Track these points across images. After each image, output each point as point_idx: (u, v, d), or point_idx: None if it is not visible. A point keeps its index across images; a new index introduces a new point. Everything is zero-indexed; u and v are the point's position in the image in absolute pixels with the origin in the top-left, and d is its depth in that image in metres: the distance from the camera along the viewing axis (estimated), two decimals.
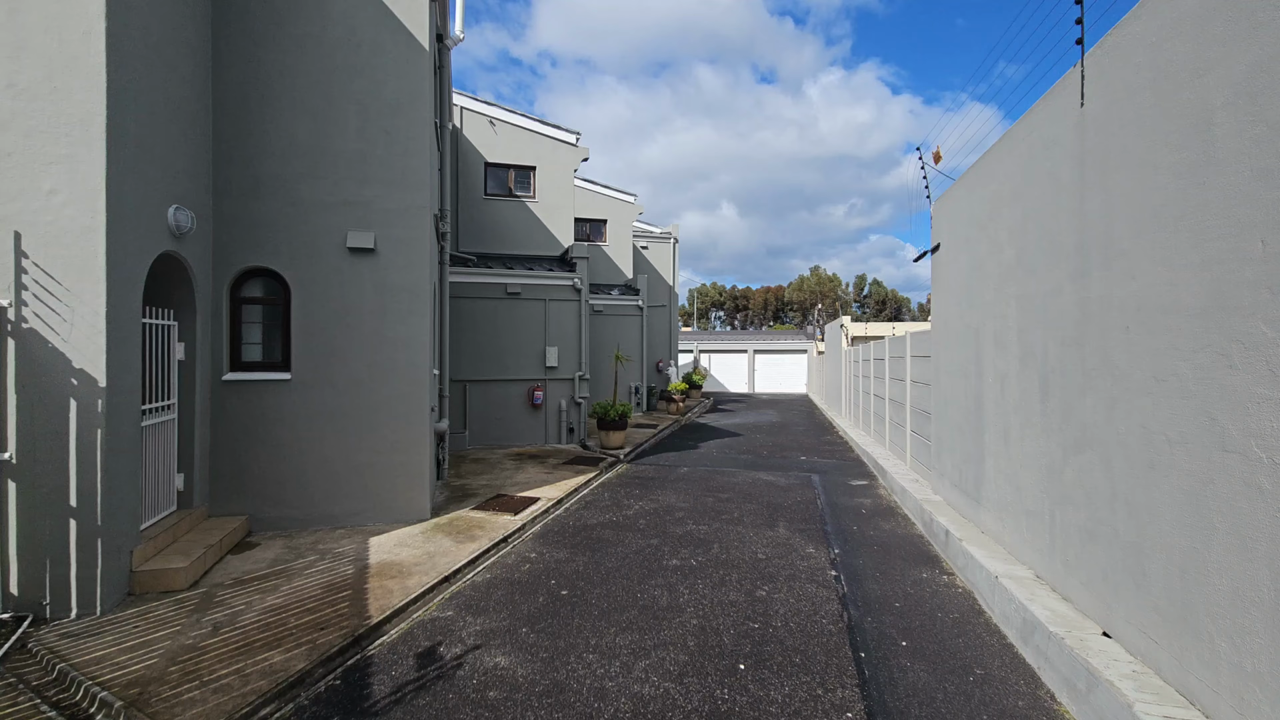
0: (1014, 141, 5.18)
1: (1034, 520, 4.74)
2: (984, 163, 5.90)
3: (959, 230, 6.67)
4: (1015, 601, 4.27)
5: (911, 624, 4.49)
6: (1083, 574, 3.99)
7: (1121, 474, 3.59)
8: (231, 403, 6.43)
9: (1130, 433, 3.50)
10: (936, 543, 6.32)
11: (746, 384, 35.65)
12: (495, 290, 12.31)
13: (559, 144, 14.13)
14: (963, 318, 6.50)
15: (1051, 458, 4.44)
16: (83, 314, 4.40)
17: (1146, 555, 3.35)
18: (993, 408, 5.60)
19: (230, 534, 6.06)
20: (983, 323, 5.87)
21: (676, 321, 23.76)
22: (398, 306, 6.86)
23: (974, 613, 4.73)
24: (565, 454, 11.65)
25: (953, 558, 5.77)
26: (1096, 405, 3.85)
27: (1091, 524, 3.90)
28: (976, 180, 6.11)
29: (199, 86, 6.01)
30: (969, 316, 6.28)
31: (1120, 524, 3.60)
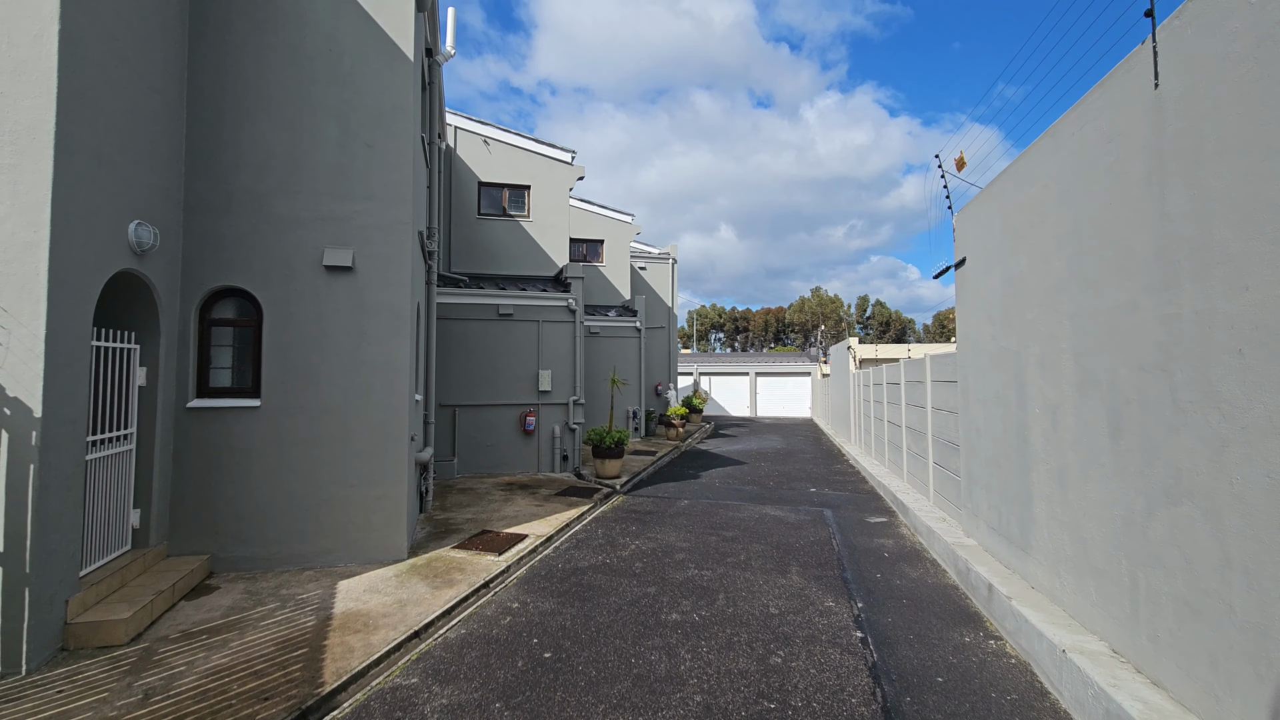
0: (1060, 138, 4.80)
1: (1106, 582, 4.17)
2: (1021, 165, 5.55)
3: (990, 242, 6.35)
4: (1093, 685, 3.66)
5: (961, 707, 3.85)
6: (1181, 656, 3.40)
7: (1237, 534, 3.02)
8: (196, 432, 6.05)
9: (1250, 483, 2.95)
10: (977, 598, 5.71)
11: (748, 407, 35.22)
12: (486, 311, 12.01)
13: (554, 162, 13.98)
14: (997, 339, 6.13)
15: (1130, 508, 3.90)
16: (20, 336, 4.07)
17: (1276, 641, 2.82)
18: (1041, 442, 5.15)
19: (187, 576, 5.63)
20: (1024, 345, 5.48)
21: (676, 343, 23.46)
22: (377, 328, 6.53)
23: (1036, 693, 4.08)
24: (558, 484, 11.22)
25: (999, 618, 5.16)
26: (1196, 447, 3.29)
27: (1193, 594, 3.33)
28: (1011, 185, 5.76)
29: (172, 98, 5.77)
30: (1005, 338, 5.91)
31: (1236, 598, 3.03)
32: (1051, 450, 4.99)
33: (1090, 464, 4.42)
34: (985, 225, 6.50)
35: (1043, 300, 5.14)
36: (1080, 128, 4.56)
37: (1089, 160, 4.42)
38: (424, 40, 7.92)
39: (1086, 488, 4.48)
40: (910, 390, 10.56)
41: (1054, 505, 4.96)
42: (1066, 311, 4.74)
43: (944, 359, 8.55)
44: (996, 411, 6.18)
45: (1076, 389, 4.59)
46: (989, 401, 6.39)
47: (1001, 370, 6.03)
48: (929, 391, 9.22)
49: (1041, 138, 5.16)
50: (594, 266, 18.95)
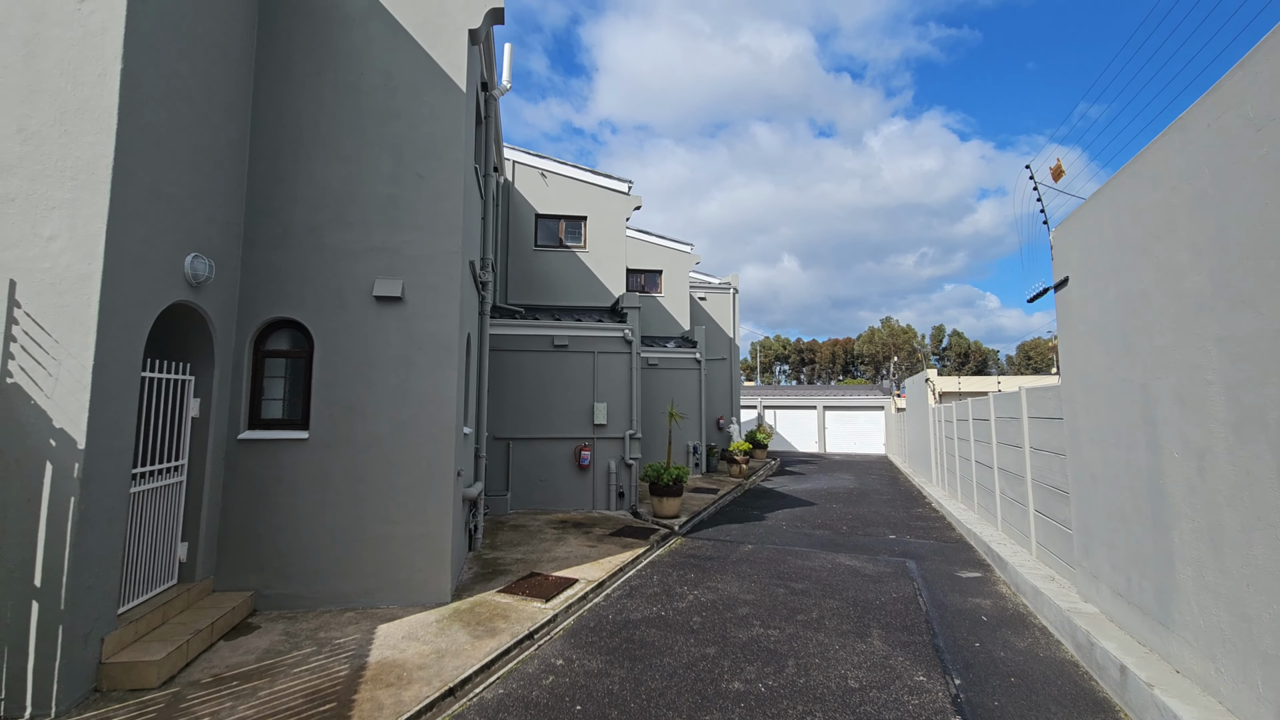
0: (1191, 131, 4.10)
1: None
2: (1139, 168, 4.80)
3: (1099, 257, 5.55)
4: None
5: None
6: None
7: None
8: (246, 464, 6.05)
9: None
10: (1105, 680, 4.75)
11: (816, 443, 33.70)
12: (541, 343, 11.91)
13: (610, 193, 13.96)
14: (1115, 369, 5.29)
15: None
16: (69, 367, 4.10)
17: None
18: (1184, 494, 4.29)
19: (229, 614, 5.53)
20: (1153, 376, 4.65)
21: (738, 375, 22.77)
22: (424, 359, 6.41)
23: None
24: (613, 522, 10.76)
25: (1138, 709, 4.22)
26: None
27: None
28: (1126, 191, 5.00)
29: (235, 135, 5.96)
30: (1127, 368, 5.07)
31: None
32: (1199, 505, 4.12)
33: (1255, 523, 3.58)
34: (1092, 239, 5.72)
35: (1177, 322, 4.34)
36: (1218, 116, 3.86)
37: (1235, 153, 3.71)
38: (479, 74, 8.02)
39: (1251, 552, 3.62)
40: (1002, 428, 9.52)
41: (1205, 572, 4.07)
42: (1212, 335, 3.95)
43: (1044, 393, 7.60)
44: (1118, 455, 5.28)
45: (1232, 430, 3.77)
46: (1107, 443, 5.50)
47: (1123, 406, 5.17)
48: (1026, 429, 8.23)
49: (1166, 132, 4.45)
50: (652, 297, 18.73)
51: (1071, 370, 6.27)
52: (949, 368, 76.33)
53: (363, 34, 6.51)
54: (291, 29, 6.37)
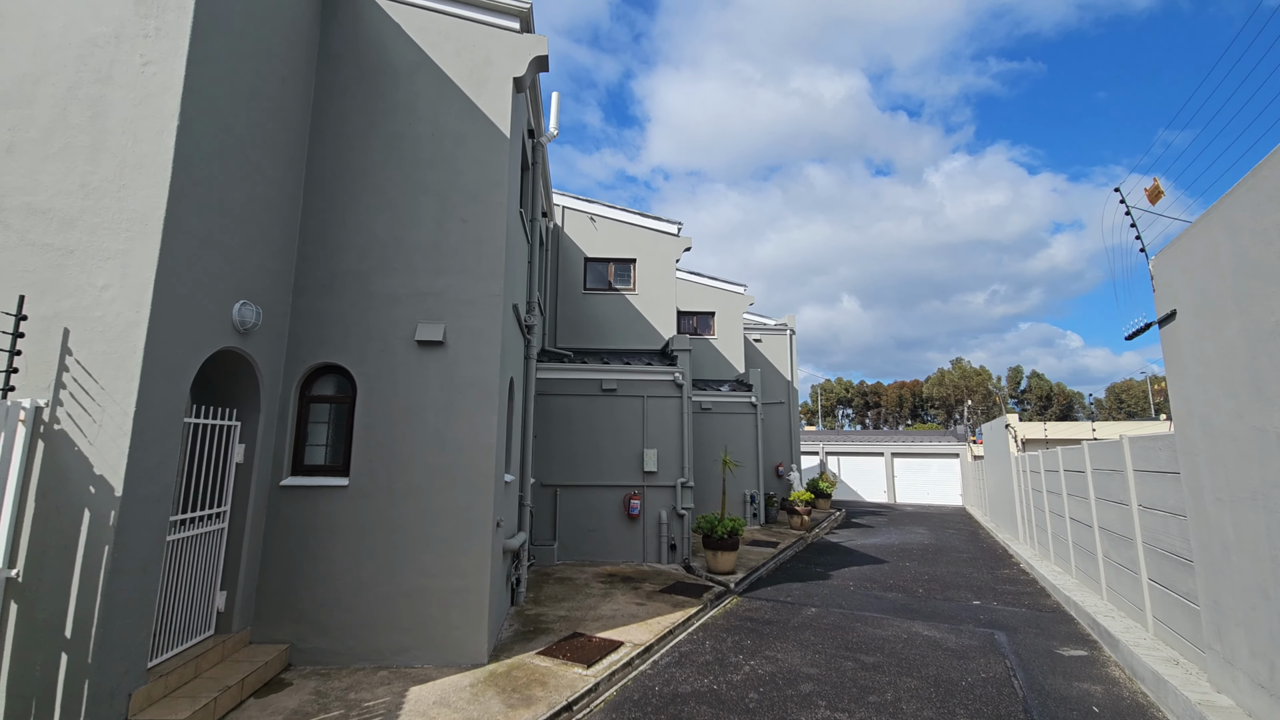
0: None
1: None
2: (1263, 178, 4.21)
3: (1215, 286, 4.86)
4: None
5: None
6: None
7: None
8: (287, 511, 6.03)
9: None
10: None
11: (885, 493, 31.79)
12: (589, 387, 11.75)
13: (659, 235, 13.94)
14: (1246, 416, 4.52)
15: None
16: (112, 414, 4.16)
17: None
18: None
19: (262, 669, 5.39)
20: None
21: (798, 420, 21.90)
22: (465, 404, 6.30)
23: None
24: (664, 577, 10.21)
25: None
26: None
27: None
28: (1251, 207, 4.36)
29: (289, 186, 6.20)
30: (1262, 414, 4.33)
31: None
32: None
33: None
34: (1205, 266, 5.04)
35: None
36: None
37: None
38: (524, 121, 8.18)
39: None
40: (1102, 481, 8.50)
41: None
42: None
43: (1152, 443, 6.71)
44: (1255, 519, 4.47)
45: None
46: (1240, 504, 4.68)
47: (1258, 461, 4.40)
48: (1132, 485, 7.27)
49: None
50: (704, 339, 18.42)
51: (1187, 417, 5.47)
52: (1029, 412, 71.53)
53: (411, 87, 6.74)
54: (345, 85, 6.67)
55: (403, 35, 6.79)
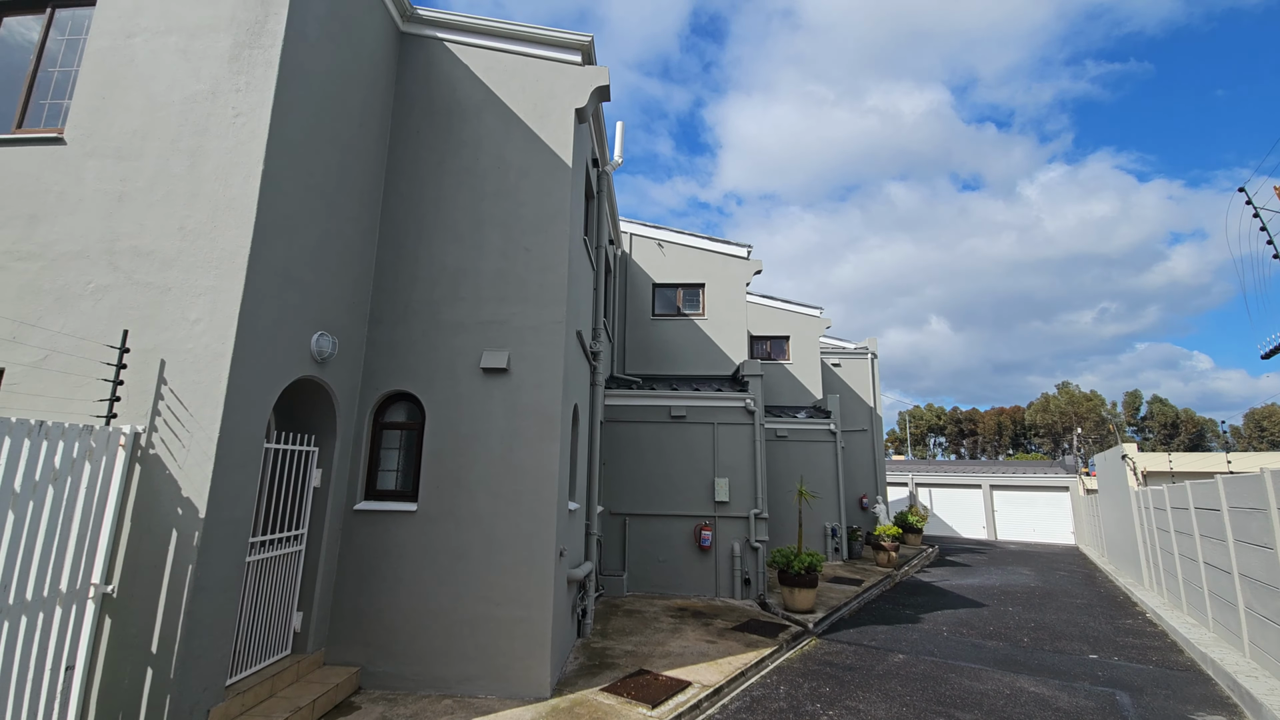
0: None
1: None
2: None
3: None
4: None
5: None
6: None
7: None
8: (359, 535, 6.21)
9: None
10: None
11: (984, 528, 29.27)
12: (657, 414, 11.59)
13: (728, 258, 13.73)
14: None
15: None
16: (199, 439, 4.43)
17: None
18: None
19: (332, 691, 5.50)
20: None
21: (882, 449, 20.68)
22: (528, 430, 6.31)
23: None
24: (737, 613, 9.73)
25: None
26: None
27: None
28: None
29: (365, 223, 6.55)
30: None
31: None
32: None
33: None
34: None
35: None
36: None
37: None
38: (588, 150, 8.32)
39: None
40: (1240, 521, 7.35)
41: None
42: None
43: None
44: None
45: None
46: None
47: None
48: (1276, 526, 6.22)
49: None
50: (778, 364, 17.87)
51: None
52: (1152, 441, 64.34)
53: (479, 124, 7.01)
54: (418, 125, 7.04)
55: (471, 76, 7.12)
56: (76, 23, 5.37)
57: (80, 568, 4.03)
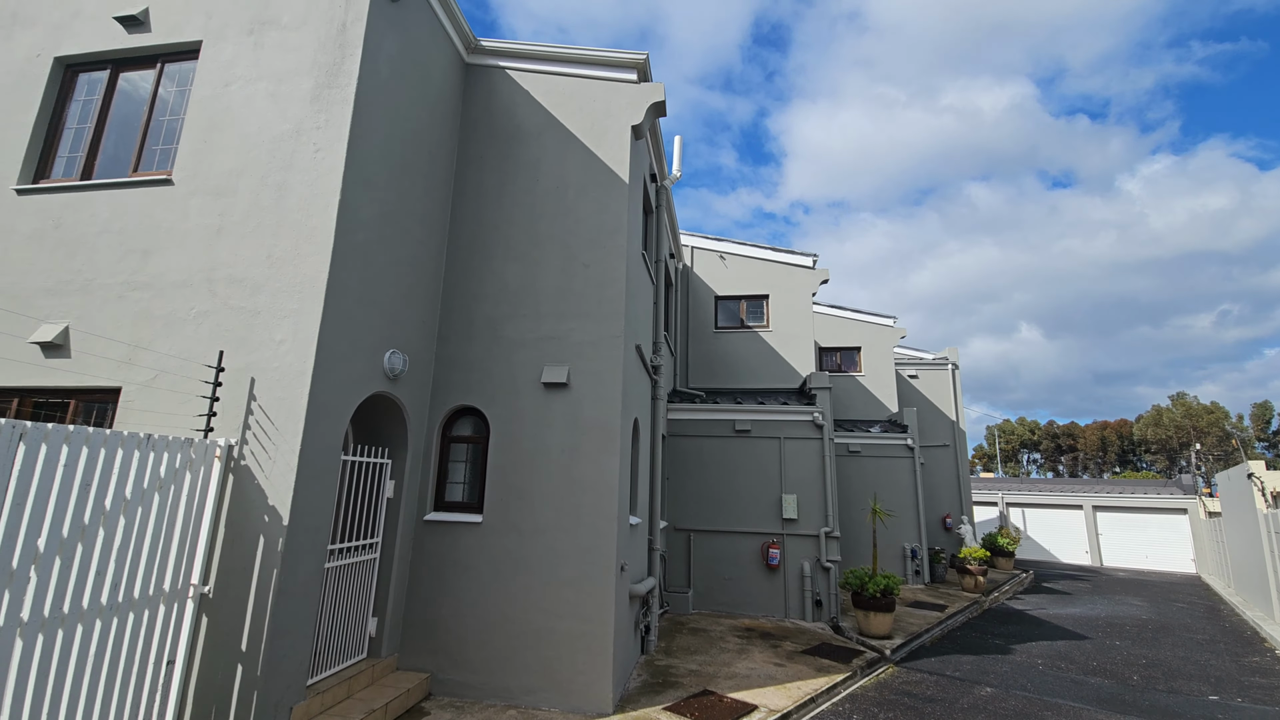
0: None
1: None
2: None
3: None
4: None
5: None
6: None
7: None
8: (429, 545, 6.47)
9: None
10: None
11: (1087, 553, 26.90)
12: (721, 428, 11.46)
13: (793, 268, 13.48)
14: None
15: None
16: (283, 451, 4.77)
17: None
18: None
19: (404, 696, 5.73)
20: None
21: (967, 465, 19.51)
22: (587, 445, 6.40)
23: None
24: (808, 636, 9.40)
25: None
26: None
27: None
28: None
29: (433, 245, 6.91)
30: None
31: None
32: None
33: None
34: None
35: None
36: None
37: None
38: (645, 166, 8.43)
39: None
40: None
41: None
42: None
43: None
44: None
45: None
46: None
47: None
48: None
49: None
50: (849, 377, 17.28)
51: None
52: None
53: (539, 146, 7.27)
54: (482, 150, 7.38)
55: (530, 100, 7.41)
56: (183, 74, 6.01)
57: (181, 569, 4.42)
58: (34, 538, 3.39)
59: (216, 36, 5.87)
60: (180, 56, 6.04)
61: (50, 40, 6.30)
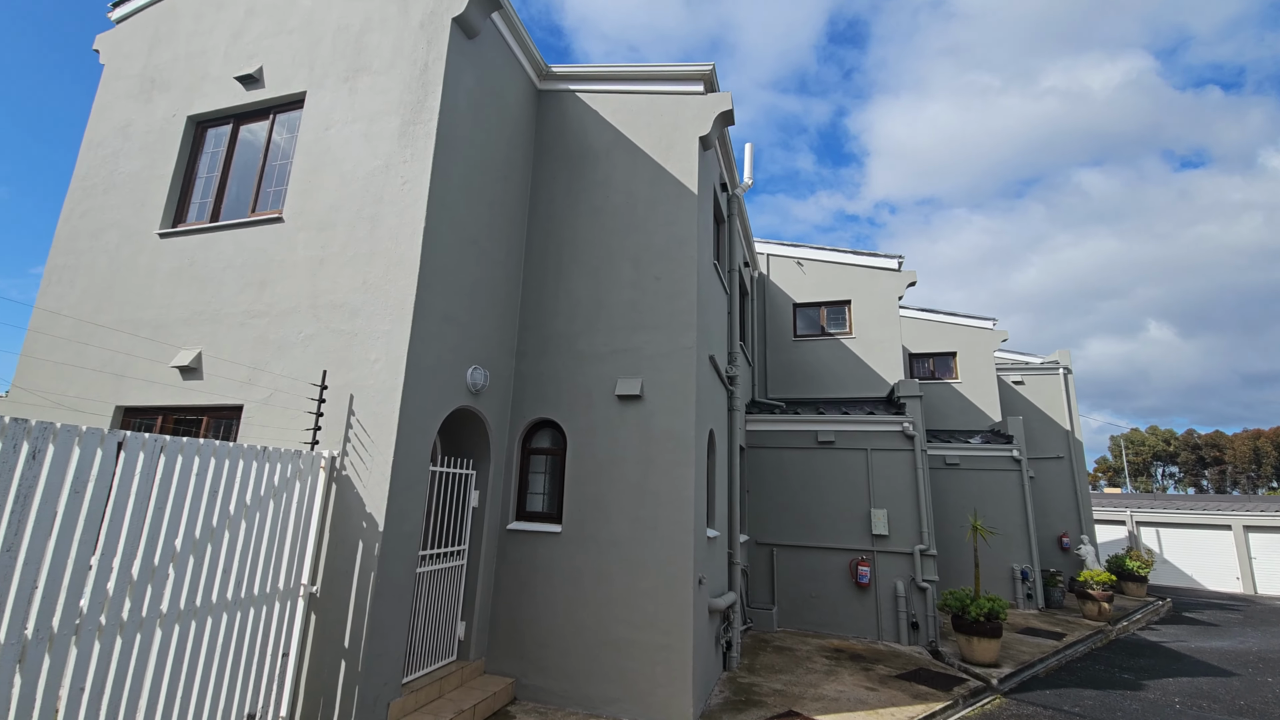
0: None
1: None
2: None
3: None
4: None
5: None
6: None
7: None
8: (512, 553, 6.77)
9: None
10: None
11: (1238, 579, 23.72)
12: (803, 439, 11.18)
13: (876, 271, 13.00)
14: None
15: None
16: (378, 461, 5.19)
17: None
18: None
19: (491, 699, 6.00)
20: None
21: (1085, 479, 17.88)
22: (662, 456, 6.48)
23: None
24: (903, 660, 8.94)
25: None
26: None
27: None
28: None
29: (511, 266, 7.29)
30: None
31: None
32: None
33: None
34: None
35: None
36: None
37: None
38: (715, 175, 8.48)
39: None
40: None
41: None
42: None
43: None
44: None
45: None
46: None
47: None
48: None
49: None
50: (944, 384, 16.35)
51: None
52: None
53: (608, 164, 7.52)
54: (554, 171, 7.72)
55: (599, 120, 7.68)
56: (291, 122, 6.74)
57: (293, 570, 4.90)
58: (172, 538, 3.90)
59: (318, 86, 6.54)
60: (289, 106, 6.77)
61: (184, 101, 7.26)
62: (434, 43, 6.11)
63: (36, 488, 3.14)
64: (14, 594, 3.03)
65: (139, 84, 7.64)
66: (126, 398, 6.29)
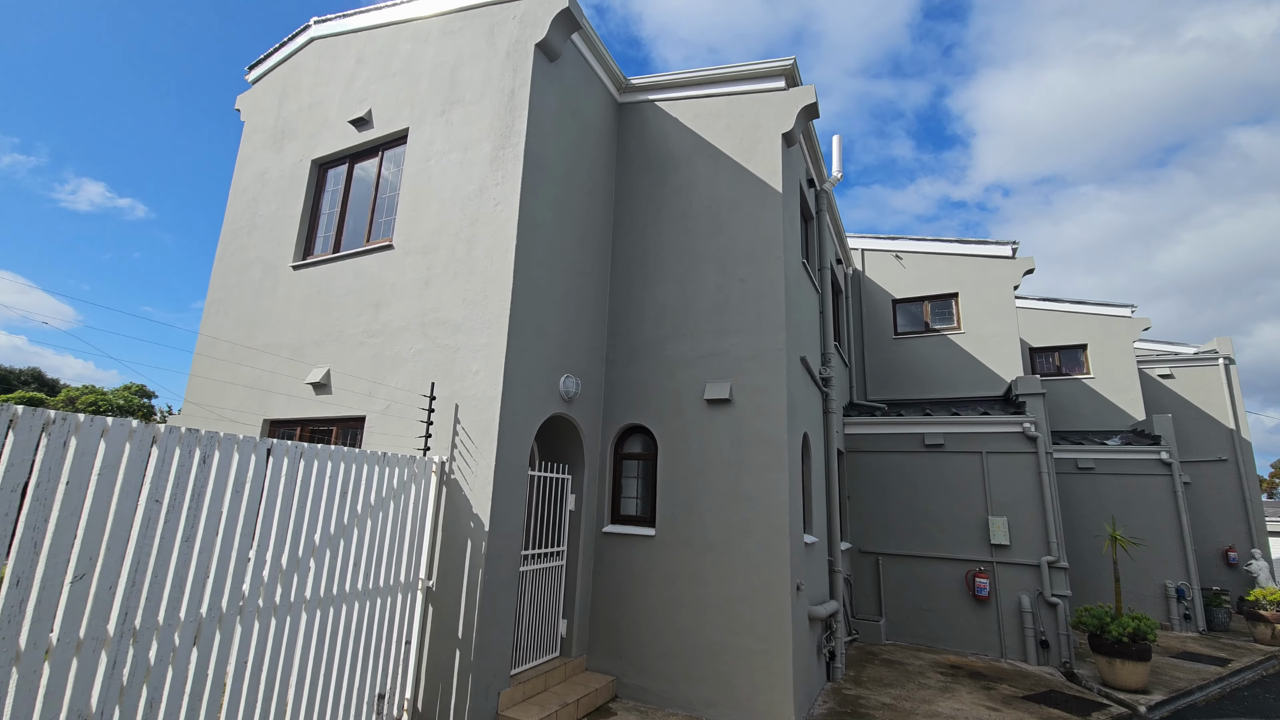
0: None
1: None
2: None
3: None
4: None
5: None
6: None
7: None
8: (608, 555, 7.05)
9: None
10: None
11: None
12: (908, 442, 10.70)
13: (986, 260, 12.21)
14: None
15: None
16: (482, 466, 5.64)
17: None
18: None
19: (593, 695, 6.29)
20: None
21: (1256, 485, 15.71)
22: (754, 460, 6.52)
23: None
24: (1030, 680, 8.33)
25: None
26: None
27: None
28: None
29: (598, 276, 7.63)
30: None
31: None
32: None
33: None
34: None
35: None
36: None
37: None
38: (801, 172, 8.41)
39: None
40: None
41: None
42: None
43: None
44: None
45: None
46: None
47: None
48: None
49: None
50: (1073, 380, 15.00)
51: None
52: None
53: (690, 169, 7.68)
54: (637, 181, 7.99)
55: (679, 126, 7.87)
56: (397, 156, 7.47)
57: (411, 565, 5.42)
58: (312, 534, 4.47)
59: (419, 121, 7.22)
60: (394, 143, 7.52)
61: (308, 147, 8.24)
62: (519, 69, 6.57)
63: (207, 487, 3.76)
64: (191, 578, 3.64)
65: (272, 136, 8.76)
66: (272, 411, 7.23)
